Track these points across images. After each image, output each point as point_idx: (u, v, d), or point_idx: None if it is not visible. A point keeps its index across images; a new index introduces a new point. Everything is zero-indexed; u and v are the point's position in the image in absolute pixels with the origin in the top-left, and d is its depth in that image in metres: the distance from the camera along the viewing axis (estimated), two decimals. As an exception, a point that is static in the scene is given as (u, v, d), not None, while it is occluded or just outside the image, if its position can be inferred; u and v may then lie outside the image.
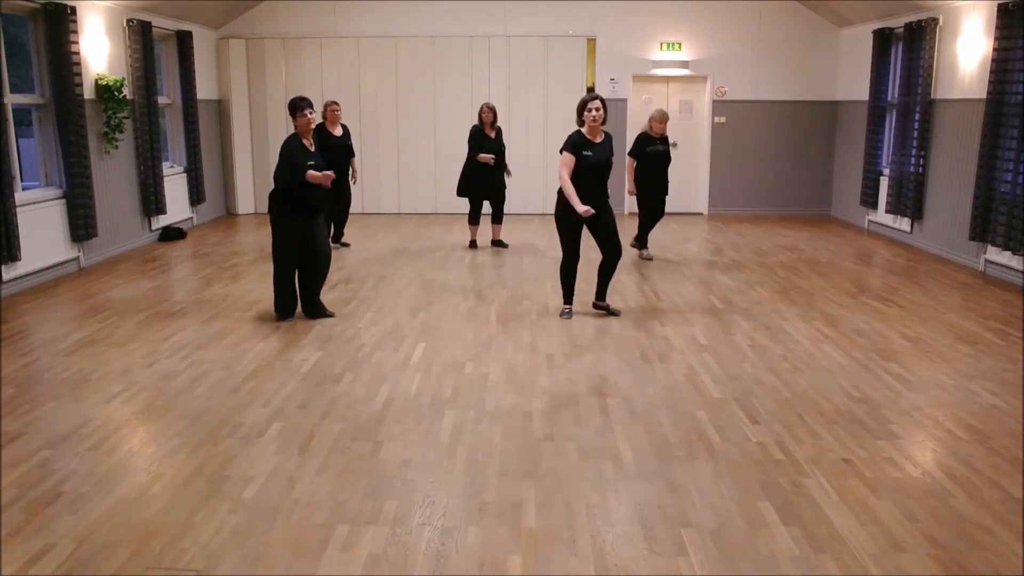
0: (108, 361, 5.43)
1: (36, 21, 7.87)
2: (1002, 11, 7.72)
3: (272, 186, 6.33)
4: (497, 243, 9.54)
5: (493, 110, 9.11)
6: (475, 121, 9.36)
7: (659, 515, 3.42)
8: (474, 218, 9.39)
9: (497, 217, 9.45)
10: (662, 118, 8.51)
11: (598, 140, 6.17)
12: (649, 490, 3.64)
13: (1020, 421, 4.43)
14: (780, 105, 12.06)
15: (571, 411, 4.56)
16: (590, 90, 12.20)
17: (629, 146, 8.82)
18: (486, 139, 9.07)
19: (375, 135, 12.13)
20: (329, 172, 6.22)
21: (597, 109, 6.07)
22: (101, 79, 8.71)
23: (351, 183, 9.34)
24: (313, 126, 6.30)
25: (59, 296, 7.27)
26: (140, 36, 9.41)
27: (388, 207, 12.35)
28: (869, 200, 10.74)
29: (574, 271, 6.48)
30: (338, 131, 9.06)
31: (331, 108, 8.99)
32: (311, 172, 6.08)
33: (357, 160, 9.72)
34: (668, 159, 8.65)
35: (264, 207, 12.29)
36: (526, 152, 11.84)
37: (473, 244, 9.51)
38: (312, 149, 6.28)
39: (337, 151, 8.83)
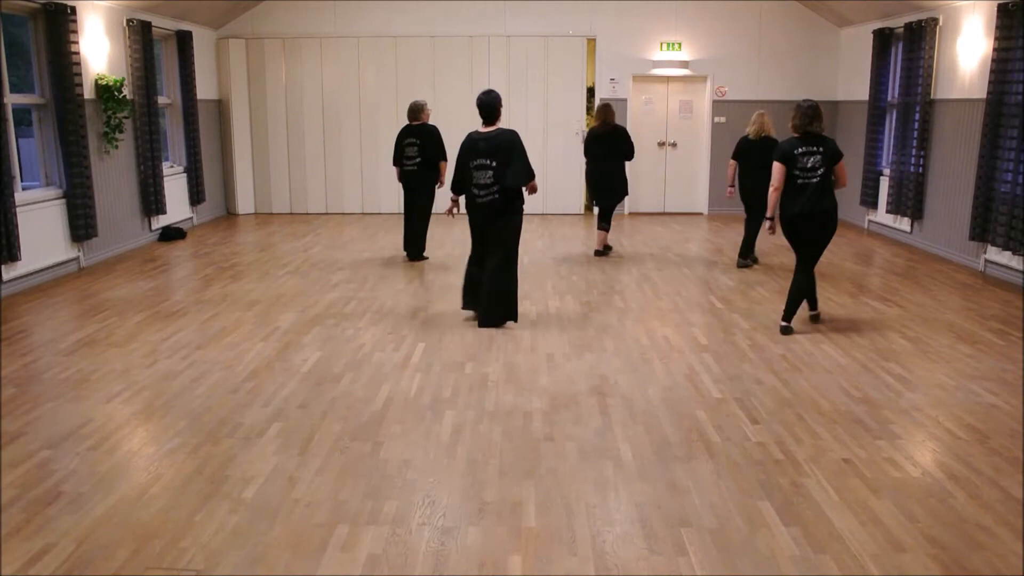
0: (108, 361, 5.43)
1: (36, 21, 7.88)
2: (1002, 11, 7.72)
3: (511, 182, 6.10)
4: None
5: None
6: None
7: (659, 515, 3.42)
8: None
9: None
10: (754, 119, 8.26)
11: None
12: (649, 490, 3.64)
13: (1020, 421, 4.43)
14: (780, 105, 12.02)
15: (571, 411, 4.56)
16: (590, 90, 12.22)
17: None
18: None
19: (375, 135, 12.13)
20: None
21: None
22: (101, 79, 8.71)
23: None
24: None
25: (59, 296, 7.27)
26: (140, 36, 9.41)
27: (388, 207, 12.35)
28: (869, 200, 10.74)
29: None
30: None
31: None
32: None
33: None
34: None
35: (265, 207, 12.37)
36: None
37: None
38: None
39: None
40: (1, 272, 7.13)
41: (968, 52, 8.58)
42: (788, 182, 5.88)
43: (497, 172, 6.02)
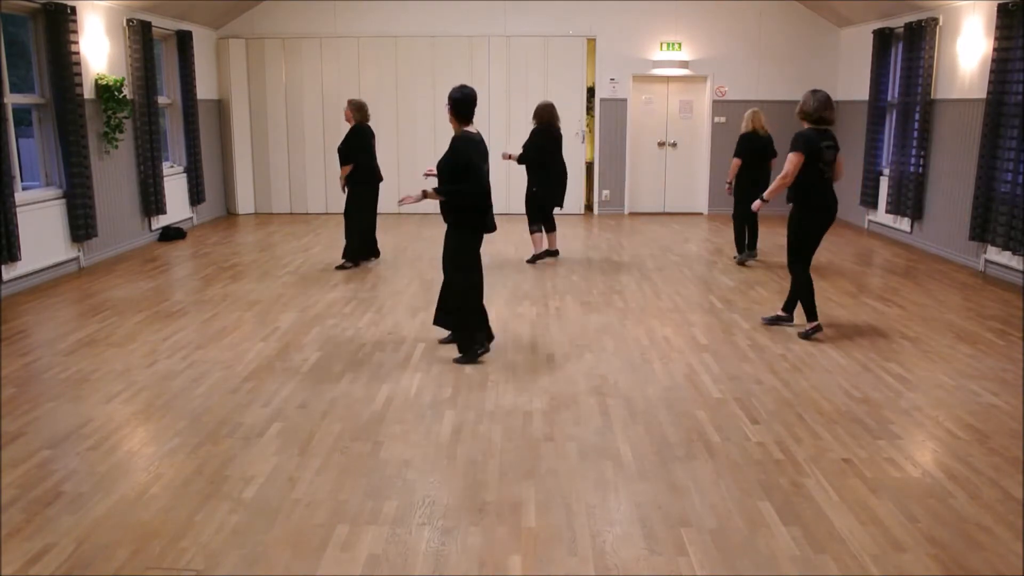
0: (108, 361, 5.43)
1: (36, 21, 7.87)
2: (1002, 11, 7.72)
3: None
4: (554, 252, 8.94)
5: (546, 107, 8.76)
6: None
7: (659, 515, 3.42)
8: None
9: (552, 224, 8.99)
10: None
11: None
12: (649, 490, 3.64)
13: (1020, 421, 4.43)
14: (780, 105, 12.03)
15: (571, 411, 4.56)
16: (590, 90, 12.21)
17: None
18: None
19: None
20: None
21: None
22: (101, 79, 8.71)
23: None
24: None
25: (59, 296, 7.27)
26: (140, 36, 9.41)
27: (388, 207, 12.33)
28: (869, 200, 10.74)
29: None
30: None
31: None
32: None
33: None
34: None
35: (265, 207, 12.37)
36: (526, 152, 11.84)
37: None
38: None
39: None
40: (1, 272, 7.12)
41: (968, 52, 8.58)
42: (813, 176, 5.67)
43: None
